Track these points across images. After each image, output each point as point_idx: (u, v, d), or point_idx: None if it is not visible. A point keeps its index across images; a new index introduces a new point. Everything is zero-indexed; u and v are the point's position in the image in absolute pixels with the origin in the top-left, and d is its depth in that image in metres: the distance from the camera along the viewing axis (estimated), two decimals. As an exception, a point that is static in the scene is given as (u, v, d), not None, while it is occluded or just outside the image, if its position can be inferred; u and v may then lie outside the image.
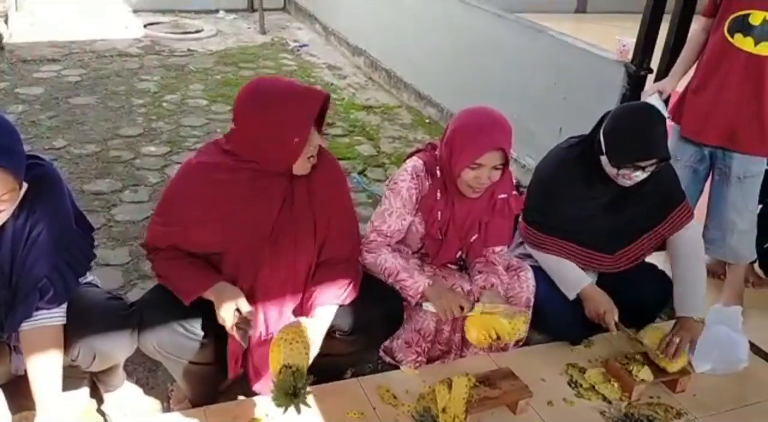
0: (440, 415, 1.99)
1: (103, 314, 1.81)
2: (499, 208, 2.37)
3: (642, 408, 2.17)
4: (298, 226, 1.97)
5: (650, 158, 2.25)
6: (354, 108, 5.41)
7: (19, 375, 1.86)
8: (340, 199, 2.08)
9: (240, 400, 2.05)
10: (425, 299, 2.17)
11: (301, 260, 1.99)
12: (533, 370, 2.29)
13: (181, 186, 1.95)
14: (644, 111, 2.34)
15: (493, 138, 2.15)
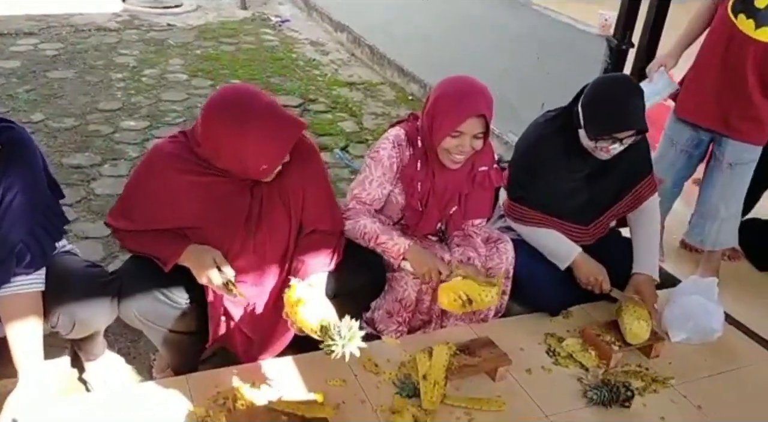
0: (420, 382, 2.01)
1: (83, 281, 1.81)
2: (479, 181, 2.38)
3: (618, 375, 2.21)
4: (272, 213, 1.95)
5: (627, 129, 2.26)
6: (337, 84, 5.38)
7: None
8: (314, 178, 2.02)
9: (222, 369, 2.05)
10: (405, 259, 2.18)
11: (277, 243, 1.98)
12: (512, 340, 2.31)
13: (147, 174, 1.91)
14: (621, 82, 2.35)
15: (473, 105, 2.15)
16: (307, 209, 2.00)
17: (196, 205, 1.88)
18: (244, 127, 1.75)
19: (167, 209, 1.88)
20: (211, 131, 1.80)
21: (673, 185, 3.01)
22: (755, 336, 2.55)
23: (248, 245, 1.94)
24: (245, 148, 1.77)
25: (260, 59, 5.72)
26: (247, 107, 1.77)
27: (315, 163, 2.04)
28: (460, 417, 1.97)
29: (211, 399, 1.92)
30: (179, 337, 1.97)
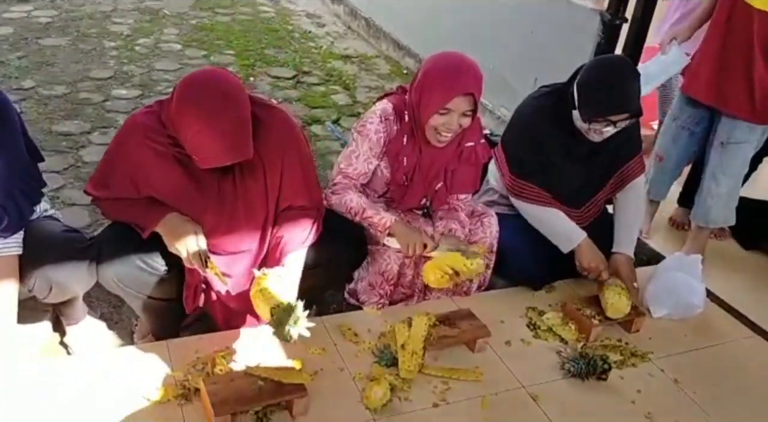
0: (399, 352, 2.02)
1: (60, 245, 1.81)
2: (465, 157, 2.37)
3: (597, 348, 2.23)
4: (247, 190, 1.93)
5: (621, 113, 2.24)
6: (331, 57, 5.34)
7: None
8: (291, 154, 1.97)
9: (203, 335, 2.07)
10: (391, 234, 2.18)
11: (253, 219, 1.96)
12: (493, 313, 2.33)
13: (122, 145, 1.89)
14: (617, 65, 2.33)
15: (462, 83, 2.14)
16: (284, 185, 1.97)
17: (167, 179, 1.86)
18: (199, 124, 1.71)
19: (140, 181, 1.87)
20: (175, 115, 1.77)
21: (674, 166, 3.00)
22: (736, 313, 2.57)
23: (222, 221, 1.92)
24: (195, 144, 1.75)
25: (255, 30, 5.67)
26: (207, 106, 1.71)
27: (294, 139, 1.98)
28: (437, 386, 1.99)
29: (190, 365, 1.94)
30: (158, 304, 1.98)
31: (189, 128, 1.74)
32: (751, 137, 2.76)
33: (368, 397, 1.88)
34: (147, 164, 1.85)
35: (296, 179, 1.99)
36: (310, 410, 1.83)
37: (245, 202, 1.93)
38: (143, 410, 1.78)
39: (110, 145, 1.94)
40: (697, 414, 2.04)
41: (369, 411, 1.87)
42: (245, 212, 1.94)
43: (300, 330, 1.72)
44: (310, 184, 2.05)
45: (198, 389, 1.83)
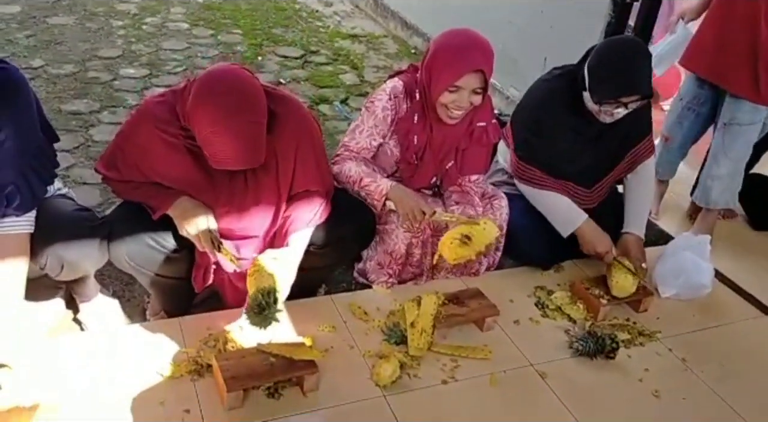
0: (408, 330, 2.04)
1: (71, 224, 1.82)
2: (476, 136, 2.37)
3: (605, 327, 2.24)
4: (258, 182, 1.92)
5: (632, 94, 2.23)
6: (339, 36, 5.31)
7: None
8: (305, 144, 1.96)
9: (215, 313, 2.09)
10: (389, 199, 2.17)
11: (263, 209, 1.96)
12: (502, 292, 2.34)
13: (133, 130, 1.89)
14: (629, 46, 2.30)
15: (472, 59, 2.13)
16: (296, 176, 1.96)
17: (176, 169, 1.86)
18: (214, 125, 1.70)
19: (146, 168, 1.87)
20: (191, 110, 1.75)
21: (680, 146, 2.99)
22: (744, 293, 2.58)
23: (232, 211, 1.92)
24: (208, 143, 1.75)
25: (263, 9, 5.63)
26: (224, 108, 1.69)
27: (308, 130, 1.98)
28: (446, 364, 2.01)
29: (202, 341, 1.96)
30: (170, 282, 2.00)
31: (204, 127, 1.73)
32: (755, 118, 2.73)
33: (378, 374, 1.90)
34: (155, 153, 1.85)
35: (309, 169, 1.99)
36: (321, 386, 1.86)
37: (256, 194, 1.93)
38: (157, 385, 1.81)
39: (122, 128, 1.94)
40: (704, 393, 2.06)
41: (379, 388, 1.89)
42: (255, 203, 1.94)
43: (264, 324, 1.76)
44: (322, 170, 2.05)
45: (210, 365, 1.85)
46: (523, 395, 1.96)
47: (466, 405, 1.88)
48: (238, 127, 1.70)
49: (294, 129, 1.94)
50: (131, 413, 1.71)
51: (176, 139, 1.84)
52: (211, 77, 1.75)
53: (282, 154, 1.92)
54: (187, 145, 1.84)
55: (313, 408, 1.80)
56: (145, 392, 1.78)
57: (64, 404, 1.68)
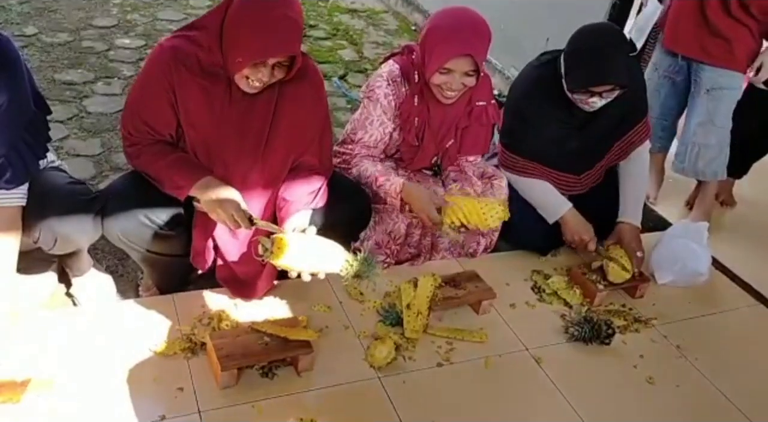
0: (404, 311, 2.03)
1: (65, 197, 1.78)
2: (476, 115, 2.34)
3: (601, 313, 2.24)
4: (260, 132, 1.89)
5: (602, 84, 2.18)
6: (338, 10, 5.24)
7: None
8: (315, 111, 1.98)
9: (209, 290, 2.07)
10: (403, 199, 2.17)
11: (268, 164, 1.93)
12: (499, 275, 2.33)
13: (154, 71, 1.83)
14: (600, 33, 2.24)
15: (463, 43, 2.08)
16: (302, 134, 1.94)
17: (196, 107, 1.82)
18: (248, 8, 1.71)
19: (168, 107, 1.82)
20: (228, 16, 1.75)
21: (661, 116, 2.96)
22: (740, 281, 2.58)
23: (239, 162, 1.89)
24: (237, 31, 1.72)
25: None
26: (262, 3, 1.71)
27: (322, 94, 2.01)
28: (441, 346, 2.00)
29: (196, 319, 1.95)
30: (163, 259, 1.97)
31: (237, 24, 1.71)
32: (734, 83, 2.73)
33: (373, 355, 1.89)
34: (181, 87, 1.80)
35: (315, 133, 1.98)
36: (315, 366, 1.84)
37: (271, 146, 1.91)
38: (149, 361, 1.79)
39: (141, 74, 1.88)
40: (698, 380, 2.06)
41: (373, 369, 1.88)
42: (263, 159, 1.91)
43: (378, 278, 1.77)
44: (324, 145, 2.03)
45: (204, 343, 1.83)
46: (518, 379, 1.96)
47: (460, 389, 1.88)
48: (273, 14, 1.69)
49: (311, 84, 1.94)
50: (124, 389, 1.70)
51: (194, 71, 1.79)
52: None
53: (297, 103, 1.91)
54: (205, 76, 1.80)
55: (306, 389, 1.79)
56: (139, 368, 1.76)
57: (56, 379, 1.67)
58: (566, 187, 2.48)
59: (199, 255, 1.97)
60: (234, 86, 1.82)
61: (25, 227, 1.74)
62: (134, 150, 1.86)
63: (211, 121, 1.84)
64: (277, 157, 1.94)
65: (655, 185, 3.09)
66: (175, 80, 1.79)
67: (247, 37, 1.71)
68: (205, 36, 1.79)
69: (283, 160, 1.96)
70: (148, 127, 1.84)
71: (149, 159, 1.84)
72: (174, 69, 1.79)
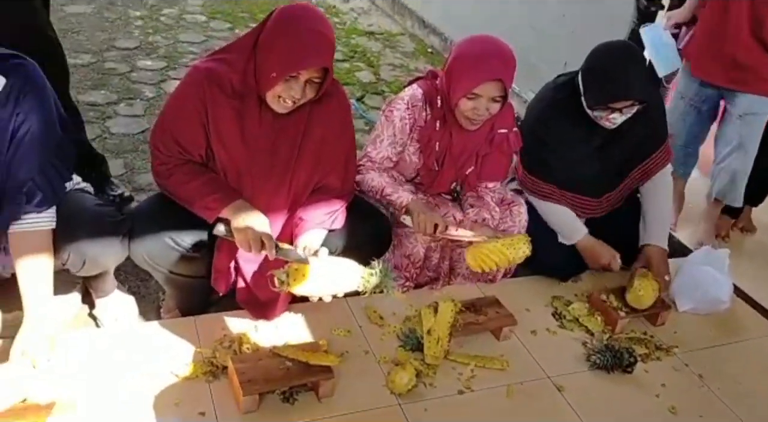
0: (424, 337, 2.02)
1: (93, 220, 1.80)
2: (497, 143, 2.34)
3: (623, 341, 2.22)
4: (289, 153, 1.92)
5: (622, 100, 2.20)
6: (356, 33, 5.29)
7: (7, 276, 1.87)
8: (342, 134, 2.02)
9: (230, 313, 2.07)
10: (408, 213, 2.17)
11: (294, 185, 1.96)
12: (519, 301, 2.32)
13: (187, 91, 1.87)
14: (620, 50, 2.27)
15: (491, 68, 2.10)
16: (326, 156, 1.97)
17: (227, 128, 1.85)
18: (282, 25, 1.77)
19: (200, 127, 1.84)
20: (265, 33, 1.81)
21: (685, 144, 2.97)
22: (762, 309, 2.55)
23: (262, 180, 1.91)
24: (271, 46, 1.77)
25: (280, 3, 5.60)
26: (300, 16, 1.78)
27: (348, 116, 2.06)
28: (462, 373, 1.99)
29: (217, 342, 1.95)
30: (187, 281, 1.99)
31: (271, 41, 1.77)
32: (766, 108, 2.75)
33: (393, 381, 1.89)
34: (213, 108, 1.83)
35: (341, 155, 2.01)
36: (336, 392, 1.84)
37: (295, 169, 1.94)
38: (172, 385, 1.79)
39: (174, 94, 1.91)
40: (722, 410, 2.04)
41: (394, 396, 1.87)
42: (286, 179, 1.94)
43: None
44: (349, 168, 2.06)
45: (225, 367, 1.84)
46: (539, 408, 1.94)
47: (482, 417, 1.87)
48: (307, 29, 1.76)
49: (338, 109, 1.99)
50: (148, 413, 1.70)
51: (227, 93, 1.83)
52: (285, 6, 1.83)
53: (326, 125, 1.94)
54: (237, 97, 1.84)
55: (328, 415, 1.79)
56: (161, 392, 1.76)
57: (79, 402, 1.67)
58: (586, 210, 2.48)
59: (220, 277, 1.98)
60: (265, 108, 1.85)
61: (55, 249, 1.76)
62: (165, 169, 1.88)
63: (241, 142, 1.87)
64: (302, 178, 1.96)
65: (675, 211, 3.08)
66: (208, 101, 1.82)
67: (281, 52, 1.75)
68: (238, 58, 1.83)
69: (308, 181, 1.98)
70: (179, 146, 1.86)
71: (181, 178, 1.86)
72: (207, 90, 1.82)
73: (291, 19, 1.79)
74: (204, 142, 1.87)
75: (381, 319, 2.16)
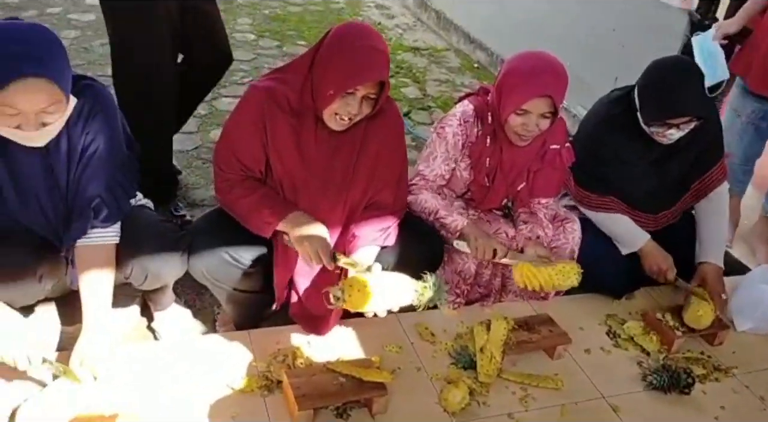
0: (477, 355, 2.01)
1: (156, 235, 1.86)
2: (549, 159, 2.33)
3: (680, 361, 2.17)
4: (345, 170, 1.96)
5: (679, 116, 2.17)
6: (401, 49, 5.33)
7: (75, 289, 1.93)
8: (396, 151, 2.05)
9: (283, 327, 2.10)
10: (462, 237, 2.16)
11: (349, 202, 1.98)
12: (572, 319, 2.29)
13: (246, 109, 1.92)
14: (677, 65, 2.26)
15: (541, 84, 2.10)
16: (378, 175, 2.00)
17: (285, 145, 1.89)
18: (337, 43, 1.82)
19: (259, 144, 1.89)
20: (320, 46, 1.86)
21: (742, 161, 2.92)
22: (826, 330, 2.46)
23: (317, 196, 1.94)
24: (327, 64, 1.81)
25: (327, 21, 5.69)
26: (355, 34, 1.83)
27: (401, 133, 2.08)
28: (515, 392, 1.98)
29: (272, 356, 1.97)
30: (243, 295, 2.02)
31: (328, 59, 1.81)
32: None
33: (446, 399, 1.88)
34: (271, 126, 1.88)
35: (395, 172, 2.04)
36: (389, 408, 1.84)
37: (349, 187, 1.97)
38: (228, 398, 1.82)
39: (234, 112, 1.96)
40: (785, 435, 1.98)
41: (447, 414, 1.87)
42: (345, 195, 1.97)
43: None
44: (401, 184, 2.08)
45: (280, 381, 1.86)
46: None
47: (537, 437, 1.85)
48: (362, 45, 1.80)
49: (392, 125, 2.02)
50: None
51: (285, 111, 1.88)
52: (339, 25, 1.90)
53: (380, 142, 1.97)
54: (294, 115, 1.88)
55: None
56: (218, 404, 1.79)
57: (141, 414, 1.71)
58: (642, 227, 2.44)
59: (277, 292, 2.01)
60: (321, 125, 1.89)
61: (118, 263, 1.82)
62: (226, 185, 1.94)
63: (298, 159, 1.91)
64: (357, 194, 1.99)
65: (731, 228, 3.01)
66: (267, 119, 1.87)
67: (338, 69, 1.79)
68: (295, 77, 1.89)
69: (362, 197, 2.00)
70: (240, 164, 1.92)
71: (240, 193, 1.91)
72: (266, 108, 1.87)
73: (346, 36, 1.83)
74: (263, 157, 1.92)
75: (432, 336, 2.16)
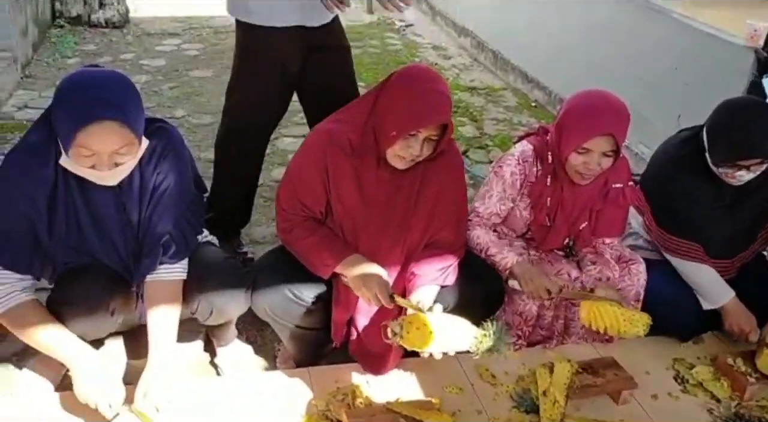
0: (540, 398, 1.97)
1: (222, 272, 1.92)
2: (612, 197, 2.29)
3: (753, 409, 2.07)
4: (405, 210, 1.98)
5: (750, 158, 2.12)
6: (458, 88, 5.38)
7: (143, 323, 1.98)
8: (456, 191, 2.07)
9: (343, 365, 2.10)
10: (513, 276, 2.14)
11: (408, 241, 2.00)
12: (637, 362, 2.22)
13: (309, 152, 1.98)
14: (748, 105, 2.22)
15: (602, 122, 2.08)
16: (438, 214, 2.01)
17: (346, 185, 1.93)
18: (402, 85, 1.86)
19: (321, 186, 1.94)
20: (383, 86, 1.91)
21: None
22: None
23: (376, 236, 1.96)
24: (391, 106, 1.84)
25: (384, 63, 5.81)
26: (419, 77, 1.87)
27: (461, 170, 2.10)
28: (579, 437, 1.92)
29: (331, 394, 1.98)
30: (304, 332, 2.04)
31: (391, 101, 1.86)
32: None
33: (509, 443, 1.84)
34: (332, 167, 1.92)
35: (454, 211, 2.05)
36: (449, 451, 1.82)
37: (400, 220, 1.98)
38: (289, 436, 1.83)
39: (297, 155, 2.02)
40: None
41: (509, 458, 1.83)
42: (404, 235, 1.98)
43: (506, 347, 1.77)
44: (461, 224, 2.08)
45: (339, 420, 1.85)
46: (665, 479, 1.84)
47: (603, 485, 1.78)
48: (424, 88, 1.83)
49: (452, 165, 2.04)
50: (266, 463, 1.74)
51: (346, 152, 1.92)
52: (418, 66, 2.01)
53: (440, 182, 1.99)
54: (356, 156, 1.92)
55: (442, 474, 1.76)
56: (279, 442, 1.81)
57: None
58: (718, 272, 2.36)
59: (337, 330, 2.02)
60: (382, 166, 1.92)
61: (185, 298, 1.87)
62: (287, 225, 1.99)
63: (359, 199, 1.95)
64: (416, 234, 2.00)
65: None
66: (329, 161, 1.92)
67: (401, 111, 1.82)
68: (357, 118, 1.93)
69: (422, 237, 2.01)
70: (301, 204, 1.97)
71: (300, 233, 1.96)
72: (329, 150, 1.92)
73: (410, 79, 1.87)
74: (324, 199, 1.96)
75: (493, 378, 2.12)
